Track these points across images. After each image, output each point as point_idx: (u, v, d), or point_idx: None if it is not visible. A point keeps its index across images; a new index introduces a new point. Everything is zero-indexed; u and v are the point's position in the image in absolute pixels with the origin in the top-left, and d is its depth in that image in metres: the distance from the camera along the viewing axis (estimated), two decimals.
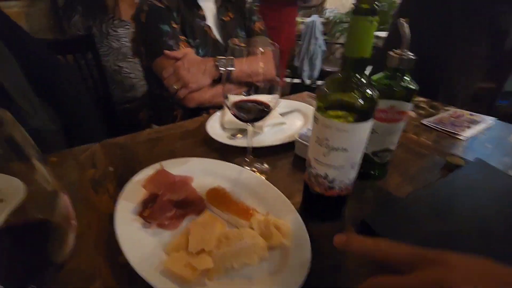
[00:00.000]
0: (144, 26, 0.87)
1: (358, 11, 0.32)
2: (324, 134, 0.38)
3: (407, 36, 0.45)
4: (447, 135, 0.80)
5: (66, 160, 0.57)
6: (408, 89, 0.47)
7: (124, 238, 0.37)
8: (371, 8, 0.31)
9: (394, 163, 0.62)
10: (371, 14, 0.31)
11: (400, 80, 0.48)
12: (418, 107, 1.00)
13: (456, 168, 0.60)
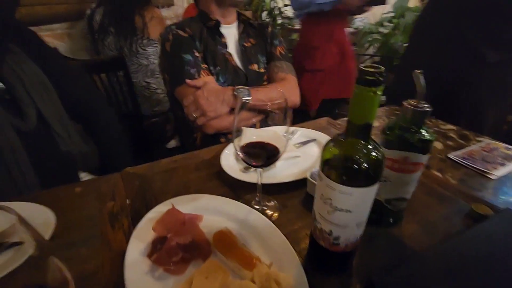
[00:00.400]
0: (168, 55, 0.92)
1: (361, 82, 0.31)
2: (327, 194, 0.38)
3: (423, 88, 0.44)
4: (476, 173, 0.75)
5: (89, 191, 0.61)
6: (424, 141, 0.45)
7: (131, 284, 0.40)
8: (375, 80, 0.30)
9: (412, 207, 0.59)
10: (374, 85, 0.31)
11: (415, 132, 0.46)
12: (446, 136, 0.94)
13: (481, 218, 0.56)
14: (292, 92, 1.01)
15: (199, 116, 0.87)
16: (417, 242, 0.51)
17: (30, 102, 0.72)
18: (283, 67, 1.05)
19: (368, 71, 0.31)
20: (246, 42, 1.04)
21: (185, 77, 0.89)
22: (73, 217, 0.54)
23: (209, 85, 0.88)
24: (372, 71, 0.31)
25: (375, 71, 0.31)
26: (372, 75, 0.31)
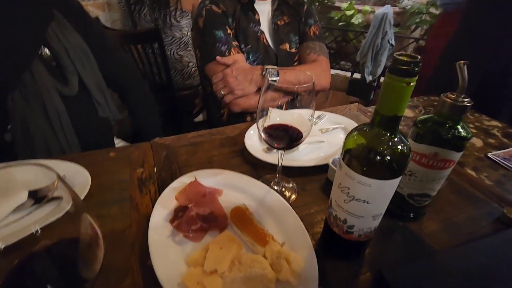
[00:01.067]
0: (201, 31, 0.92)
1: (394, 71, 0.30)
2: (346, 182, 0.37)
3: (465, 80, 0.40)
4: None
5: (121, 157, 0.66)
6: (458, 137, 0.43)
7: (153, 244, 0.43)
8: (409, 70, 0.29)
9: (436, 204, 0.57)
10: (408, 76, 0.29)
11: (451, 127, 0.43)
12: (489, 133, 0.87)
13: None
14: (322, 74, 0.98)
15: (226, 93, 0.88)
16: (437, 241, 0.50)
17: (73, 69, 0.77)
18: (316, 48, 1.01)
19: (403, 61, 0.29)
20: (279, 20, 1.01)
21: (216, 54, 0.89)
22: (106, 180, 0.59)
23: (238, 64, 0.87)
24: (407, 60, 0.29)
25: (410, 60, 0.29)
26: (407, 65, 0.29)
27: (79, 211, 0.27)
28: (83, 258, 0.27)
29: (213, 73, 0.91)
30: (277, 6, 1.01)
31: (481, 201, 0.59)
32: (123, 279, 0.41)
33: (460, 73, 0.40)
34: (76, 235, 0.27)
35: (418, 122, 0.46)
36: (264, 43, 0.98)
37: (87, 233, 0.27)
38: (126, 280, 0.41)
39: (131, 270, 0.43)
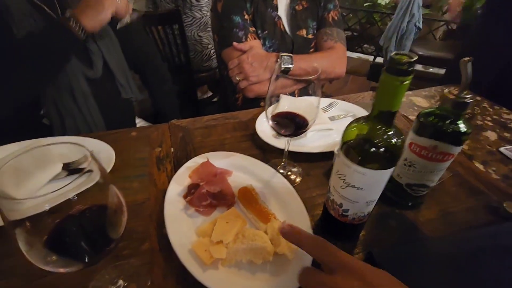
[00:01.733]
0: (219, 16, 0.94)
1: (389, 70, 0.32)
2: (343, 170, 0.41)
3: (469, 77, 0.41)
4: None
5: (142, 136, 0.72)
6: (458, 132, 0.44)
7: (168, 216, 0.49)
8: (404, 69, 0.31)
9: (436, 195, 0.59)
10: (402, 75, 0.31)
11: (452, 122, 0.44)
12: (505, 127, 0.85)
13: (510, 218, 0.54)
14: (337, 62, 0.98)
15: (242, 79, 0.91)
16: (431, 229, 0.53)
17: (99, 53, 0.82)
18: (333, 34, 1.00)
19: (398, 60, 0.31)
20: (298, 5, 1.00)
21: (233, 40, 0.91)
22: (129, 157, 0.65)
23: (254, 50, 0.89)
24: (402, 60, 0.31)
25: (405, 60, 0.31)
26: (401, 64, 0.31)
27: (107, 182, 0.32)
28: (110, 221, 0.33)
29: (229, 58, 0.94)
30: None
31: (482, 194, 0.60)
32: (143, 243, 0.48)
33: (464, 70, 0.41)
34: (104, 202, 0.32)
35: (421, 115, 0.47)
36: (281, 29, 0.98)
37: (113, 201, 0.32)
38: (145, 244, 0.48)
39: (149, 236, 0.49)
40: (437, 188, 0.61)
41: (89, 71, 0.80)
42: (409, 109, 0.92)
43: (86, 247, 0.32)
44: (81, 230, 0.32)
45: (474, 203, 0.58)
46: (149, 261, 0.45)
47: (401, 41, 2.49)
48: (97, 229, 0.33)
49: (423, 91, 1.03)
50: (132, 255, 0.46)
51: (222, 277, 0.42)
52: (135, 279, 0.43)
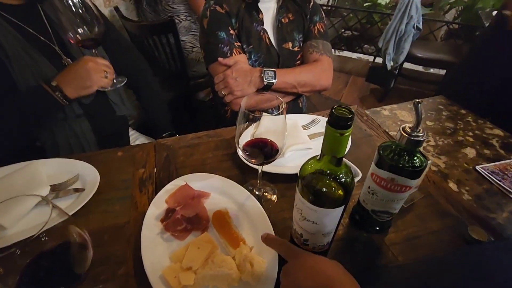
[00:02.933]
0: (205, 32, 0.96)
1: (331, 123, 0.34)
2: (299, 205, 0.43)
3: (420, 117, 0.43)
4: (500, 191, 0.71)
5: (127, 156, 0.75)
6: (413, 167, 0.46)
7: (144, 240, 0.53)
8: (342, 124, 0.33)
9: (405, 217, 0.61)
10: (341, 128, 0.33)
11: (407, 157, 0.46)
12: (486, 143, 0.87)
13: (475, 243, 0.56)
14: (322, 75, 0.99)
15: (227, 94, 0.93)
16: (396, 253, 0.55)
17: None
18: (319, 46, 1.02)
19: (337, 115, 0.33)
20: (284, 17, 1.01)
21: (218, 55, 0.93)
22: (113, 178, 0.69)
23: (239, 65, 0.91)
24: (341, 116, 0.33)
25: (343, 116, 0.33)
26: (340, 119, 0.33)
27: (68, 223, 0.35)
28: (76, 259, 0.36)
29: (215, 73, 0.96)
30: (282, 3, 1.02)
31: (450, 217, 0.62)
32: (120, 267, 0.51)
33: (415, 110, 0.43)
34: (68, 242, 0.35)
35: (380, 148, 0.49)
36: (266, 42, 1.00)
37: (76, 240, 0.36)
38: (121, 269, 0.51)
39: (125, 260, 0.52)
40: (406, 210, 0.63)
41: (84, 98, 0.83)
42: (393, 124, 0.94)
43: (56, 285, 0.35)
44: (50, 269, 0.36)
45: (440, 227, 0.60)
46: (123, 286, 0.49)
47: (399, 44, 2.47)
48: (64, 267, 0.36)
49: (409, 104, 1.04)
50: (109, 280, 0.50)
51: None
52: None
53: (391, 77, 2.66)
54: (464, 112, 1.00)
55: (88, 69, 0.77)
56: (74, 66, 0.78)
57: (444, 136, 0.89)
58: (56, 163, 0.70)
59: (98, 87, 0.80)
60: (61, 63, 0.83)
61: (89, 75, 0.77)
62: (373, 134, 0.86)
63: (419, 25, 2.44)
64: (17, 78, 0.74)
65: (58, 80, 0.76)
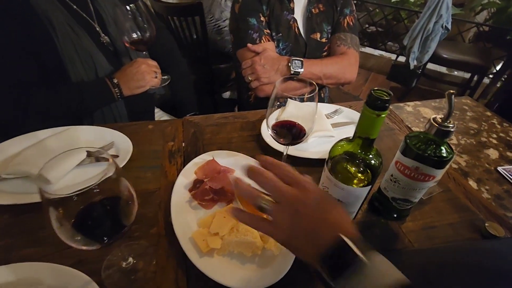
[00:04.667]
0: (236, 17, 0.98)
1: (369, 104, 0.36)
2: (326, 182, 0.46)
3: (452, 108, 0.44)
4: None
5: (157, 129, 0.79)
6: (439, 157, 0.48)
7: (174, 206, 0.57)
8: (380, 105, 0.35)
9: (423, 208, 0.63)
10: (378, 109, 0.35)
11: (435, 147, 0.48)
12: (510, 146, 0.86)
13: (490, 237, 0.57)
14: (348, 68, 1.00)
15: (253, 79, 0.95)
16: (412, 240, 0.57)
17: (126, 53, 0.90)
18: (347, 40, 1.02)
19: (376, 97, 0.35)
20: (314, 8, 1.02)
21: (247, 41, 0.95)
22: (144, 148, 0.73)
23: (267, 53, 0.93)
24: (379, 97, 0.35)
25: (383, 98, 0.35)
26: (380, 101, 0.35)
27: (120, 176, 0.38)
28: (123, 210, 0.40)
29: (243, 58, 0.99)
30: None
31: (468, 211, 0.63)
32: (151, 227, 0.56)
33: (448, 101, 0.44)
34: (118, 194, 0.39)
35: (407, 137, 0.51)
36: (295, 32, 1.01)
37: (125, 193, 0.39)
38: (153, 229, 0.55)
39: (157, 222, 0.57)
40: (425, 202, 0.65)
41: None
42: (415, 120, 0.94)
43: (104, 231, 0.39)
44: (101, 216, 0.40)
45: (458, 220, 0.61)
46: (155, 243, 0.53)
47: (425, 43, 2.42)
48: (113, 216, 0.40)
49: (433, 102, 1.04)
50: (142, 237, 0.54)
51: (215, 264, 0.49)
52: (143, 258, 0.51)
53: (414, 77, 2.61)
54: (489, 114, 1.00)
55: (142, 71, 0.85)
56: (129, 67, 0.86)
57: (467, 135, 0.89)
58: (92, 130, 0.75)
59: (149, 87, 0.89)
60: (99, 40, 0.88)
61: (143, 76, 0.86)
62: (395, 128, 0.87)
63: (448, 25, 2.37)
64: (61, 51, 0.78)
65: (118, 78, 0.84)
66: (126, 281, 0.48)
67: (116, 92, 0.84)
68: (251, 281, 0.47)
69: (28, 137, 0.69)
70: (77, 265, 0.47)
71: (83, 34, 0.83)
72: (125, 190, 0.39)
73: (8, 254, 0.50)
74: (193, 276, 0.49)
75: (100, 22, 0.88)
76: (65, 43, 0.79)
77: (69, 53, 0.80)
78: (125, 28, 0.81)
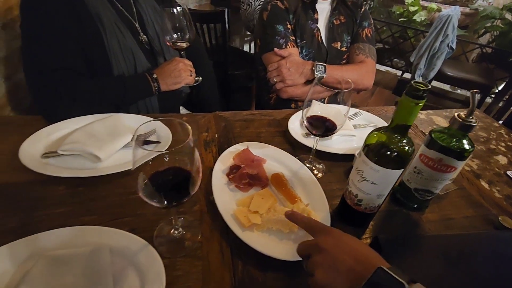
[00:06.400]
0: (264, 23, 1.06)
1: (409, 93, 0.42)
2: (361, 167, 0.51)
3: (475, 105, 0.50)
4: None
5: (191, 121, 0.85)
6: (462, 149, 0.53)
7: (215, 187, 0.62)
8: (419, 95, 0.41)
9: (440, 202, 0.68)
10: (418, 99, 0.41)
11: (457, 140, 0.54)
12: None
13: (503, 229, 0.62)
14: (366, 75, 1.07)
15: (278, 81, 1.02)
16: (431, 229, 0.62)
17: (161, 52, 0.97)
18: (365, 49, 1.10)
19: (416, 87, 0.41)
20: (336, 19, 1.10)
21: (274, 46, 1.03)
22: (181, 138, 0.78)
23: (292, 57, 1.00)
24: (420, 87, 0.41)
25: (422, 88, 0.41)
26: (418, 90, 0.41)
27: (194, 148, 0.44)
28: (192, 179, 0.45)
29: (269, 62, 1.06)
30: (335, 6, 1.10)
31: (482, 207, 0.68)
32: (194, 205, 0.61)
33: (472, 99, 0.50)
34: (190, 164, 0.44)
35: (432, 132, 0.57)
36: (318, 40, 1.09)
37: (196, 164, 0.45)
38: (196, 206, 0.60)
39: (198, 201, 0.62)
40: (442, 197, 0.70)
41: (154, 68, 0.95)
42: (429, 126, 1.01)
43: (172, 194, 0.45)
44: (171, 182, 0.45)
45: (473, 214, 0.67)
46: (199, 218, 0.58)
47: (431, 60, 2.52)
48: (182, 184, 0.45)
49: (444, 112, 1.11)
50: (187, 213, 0.59)
51: (256, 238, 0.54)
52: (190, 230, 0.56)
53: None
54: (497, 125, 1.06)
55: (180, 69, 0.93)
56: (168, 65, 0.93)
57: (477, 142, 0.95)
58: (133, 118, 0.81)
59: (185, 84, 0.96)
60: (139, 39, 0.95)
61: (179, 74, 0.93)
62: (412, 132, 0.93)
63: (453, 45, 2.48)
64: (107, 46, 0.85)
65: (157, 74, 0.91)
66: (176, 248, 0.52)
67: (155, 86, 0.90)
68: (288, 254, 0.52)
69: (78, 120, 0.75)
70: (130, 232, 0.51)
71: (127, 32, 0.90)
72: (196, 161, 0.45)
73: (66, 220, 0.54)
74: (235, 247, 0.53)
75: (140, 22, 0.96)
76: (112, 39, 0.86)
77: (114, 48, 0.86)
78: (169, 28, 0.88)
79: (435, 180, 0.59)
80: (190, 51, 1.11)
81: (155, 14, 0.97)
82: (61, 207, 0.57)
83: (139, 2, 0.96)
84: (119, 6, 0.90)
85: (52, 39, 0.80)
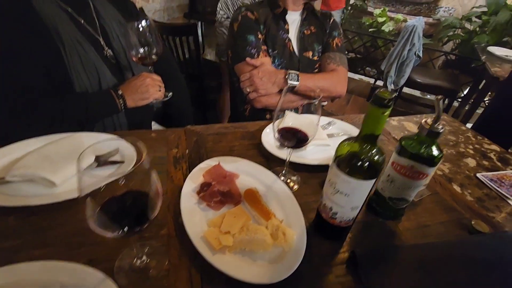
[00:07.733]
0: (235, 34, 1.05)
1: (374, 101, 0.41)
2: (334, 178, 0.50)
3: (441, 112, 0.51)
4: (498, 196, 0.78)
5: (160, 137, 0.81)
6: (431, 156, 0.53)
7: (184, 208, 0.58)
8: (384, 103, 0.40)
9: (415, 209, 0.68)
10: (383, 107, 0.41)
11: (426, 147, 0.53)
12: (485, 156, 0.95)
13: (477, 233, 0.63)
14: (338, 83, 1.09)
15: (251, 91, 1.01)
16: (407, 237, 0.61)
17: (129, 67, 0.93)
18: (336, 58, 1.11)
19: (381, 96, 0.40)
20: (306, 29, 1.11)
21: (246, 56, 1.01)
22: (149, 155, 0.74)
23: (265, 66, 1.00)
24: (384, 96, 0.40)
25: (387, 96, 0.40)
26: (383, 99, 0.40)
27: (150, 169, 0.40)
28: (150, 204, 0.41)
29: (241, 72, 1.04)
30: (305, 17, 1.12)
31: (455, 211, 0.69)
32: (162, 229, 0.56)
33: (437, 105, 0.51)
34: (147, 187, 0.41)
35: (402, 139, 0.57)
36: (290, 49, 1.09)
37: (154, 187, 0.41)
38: (163, 230, 0.56)
39: (166, 224, 0.57)
40: (417, 204, 0.70)
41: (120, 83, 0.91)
42: (401, 132, 1.02)
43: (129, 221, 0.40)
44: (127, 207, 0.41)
45: (447, 219, 0.67)
46: (166, 243, 0.54)
47: (401, 68, 2.62)
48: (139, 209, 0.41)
49: (415, 117, 1.13)
50: (153, 238, 0.54)
51: (228, 261, 0.51)
52: (155, 257, 0.51)
53: None
54: (464, 128, 1.10)
55: (147, 84, 0.89)
56: (135, 80, 0.89)
57: (447, 146, 0.97)
58: (95, 136, 0.76)
59: (153, 99, 0.92)
60: (103, 54, 0.90)
61: (147, 89, 0.89)
62: (384, 139, 0.94)
63: (420, 53, 2.61)
64: (68, 62, 0.80)
65: (122, 90, 0.86)
66: (140, 279, 0.48)
67: (120, 103, 0.85)
68: (264, 276, 0.49)
69: (32, 142, 0.69)
70: (88, 264, 0.46)
71: (89, 47, 0.85)
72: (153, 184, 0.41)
73: (17, 255, 0.48)
74: (206, 274, 0.49)
75: (104, 36, 0.91)
76: (72, 55, 0.81)
77: (75, 64, 0.81)
78: (133, 43, 0.84)
79: (408, 187, 0.58)
80: (160, 65, 1.08)
81: (120, 28, 0.94)
82: (10, 241, 0.51)
83: (102, 16, 0.92)
84: (80, 20, 0.86)
85: (10, 57, 0.74)
